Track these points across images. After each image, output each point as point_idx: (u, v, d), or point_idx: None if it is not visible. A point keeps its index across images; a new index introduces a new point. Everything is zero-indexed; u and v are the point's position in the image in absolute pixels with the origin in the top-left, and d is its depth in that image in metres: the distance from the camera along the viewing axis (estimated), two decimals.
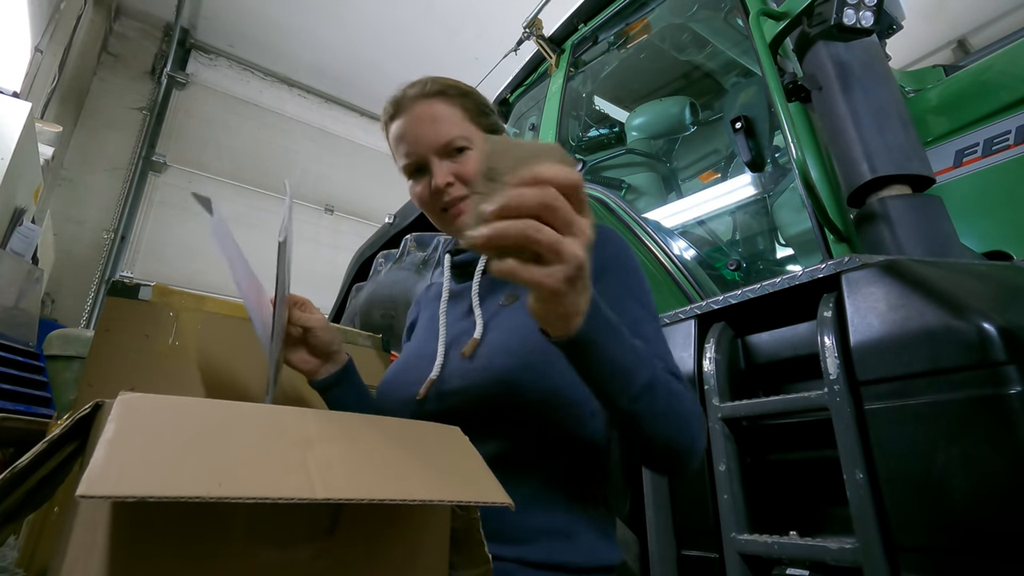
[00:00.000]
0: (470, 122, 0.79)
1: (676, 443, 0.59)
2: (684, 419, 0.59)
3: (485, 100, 0.85)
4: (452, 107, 0.78)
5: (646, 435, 0.58)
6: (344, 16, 5.96)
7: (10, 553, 1.51)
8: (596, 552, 0.65)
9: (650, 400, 0.56)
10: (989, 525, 0.60)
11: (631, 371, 0.55)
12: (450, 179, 0.75)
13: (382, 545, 0.43)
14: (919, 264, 0.78)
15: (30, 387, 2.42)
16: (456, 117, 0.78)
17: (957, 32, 5.98)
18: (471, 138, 0.77)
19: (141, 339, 0.97)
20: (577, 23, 2.35)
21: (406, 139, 0.77)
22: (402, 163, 0.80)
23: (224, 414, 0.39)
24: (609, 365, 0.53)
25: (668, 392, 0.58)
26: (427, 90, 0.78)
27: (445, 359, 0.74)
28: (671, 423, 0.58)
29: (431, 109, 0.77)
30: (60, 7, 4.39)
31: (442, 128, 0.76)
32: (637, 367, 0.55)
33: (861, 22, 1.11)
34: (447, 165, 0.76)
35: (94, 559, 0.33)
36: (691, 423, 0.60)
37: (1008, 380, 0.61)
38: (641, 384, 0.55)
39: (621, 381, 0.55)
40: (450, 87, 0.80)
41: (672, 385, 0.60)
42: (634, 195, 2.18)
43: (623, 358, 0.54)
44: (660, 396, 0.57)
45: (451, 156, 0.76)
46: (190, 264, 5.75)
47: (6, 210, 2.91)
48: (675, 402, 0.59)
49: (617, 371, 0.54)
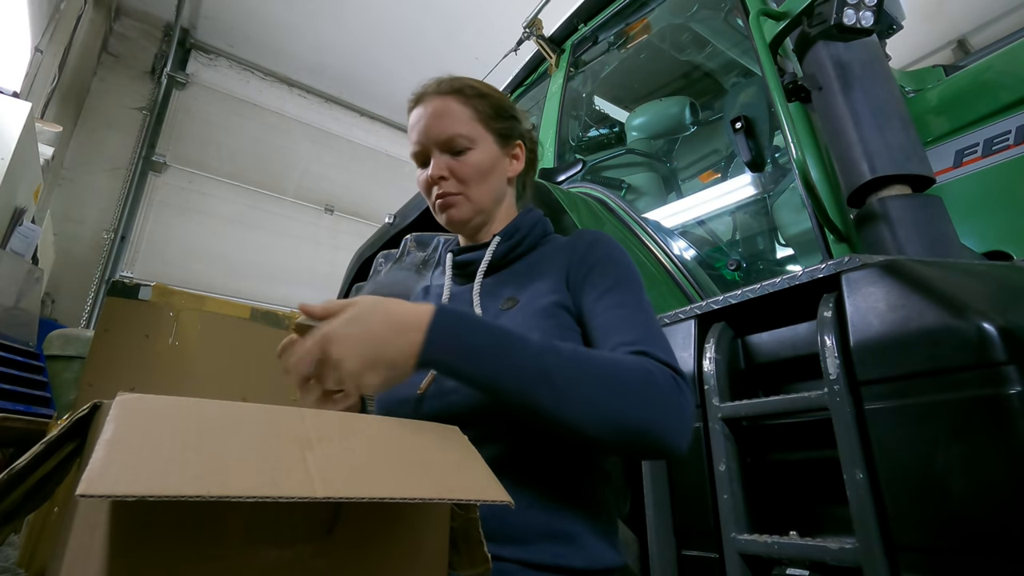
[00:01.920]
0: (480, 123, 0.82)
1: (616, 423, 0.57)
2: (624, 398, 0.57)
3: (505, 104, 0.87)
4: (464, 106, 0.82)
5: (568, 422, 0.57)
6: (344, 16, 5.96)
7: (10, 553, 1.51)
8: (598, 555, 0.65)
9: (551, 390, 0.57)
10: (989, 525, 0.60)
11: (506, 374, 0.57)
12: (444, 173, 0.80)
13: (381, 544, 0.43)
14: (919, 264, 0.78)
15: (30, 387, 2.42)
16: (465, 116, 0.81)
17: (957, 32, 5.98)
18: (475, 138, 0.81)
19: (141, 339, 0.97)
20: (577, 23, 2.35)
21: (416, 129, 0.82)
22: (411, 151, 0.85)
23: (224, 414, 0.39)
24: (477, 375, 0.58)
25: (583, 377, 0.58)
26: (443, 87, 0.83)
27: None
28: (594, 404, 0.57)
29: (443, 105, 0.81)
30: (60, 7, 4.39)
31: (447, 124, 0.80)
32: (519, 367, 0.57)
33: (861, 22, 1.11)
34: (445, 160, 0.81)
35: (94, 559, 0.33)
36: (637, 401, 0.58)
37: (1008, 380, 0.61)
38: (528, 378, 0.57)
39: (503, 383, 0.57)
40: (468, 87, 0.84)
41: (596, 367, 0.59)
42: (634, 195, 2.18)
43: (486, 364, 0.58)
44: (568, 383, 0.57)
45: (451, 152, 0.81)
46: (190, 264, 5.75)
47: (6, 210, 2.91)
48: (601, 385, 0.57)
49: (490, 377, 0.57)
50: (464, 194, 0.81)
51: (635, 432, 0.57)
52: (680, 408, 0.60)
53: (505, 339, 0.60)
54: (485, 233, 0.87)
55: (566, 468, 0.68)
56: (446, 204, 0.81)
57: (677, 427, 0.59)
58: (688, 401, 0.61)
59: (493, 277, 0.84)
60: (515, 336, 0.60)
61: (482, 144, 0.81)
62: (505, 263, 0.85)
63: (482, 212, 0.84)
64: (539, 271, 0.80)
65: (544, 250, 0.85)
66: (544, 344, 0.60)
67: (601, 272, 0.75)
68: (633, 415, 0.57)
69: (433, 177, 0.80)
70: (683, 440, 0.59)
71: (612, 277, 0.74)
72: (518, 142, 0.88)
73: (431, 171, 0.81)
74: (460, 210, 0.82)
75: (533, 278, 0.79)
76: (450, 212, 0.82)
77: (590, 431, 0.57)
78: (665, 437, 0.58)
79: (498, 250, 0.84)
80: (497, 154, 0.84)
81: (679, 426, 0.59)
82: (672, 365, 0.63)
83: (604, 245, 0.78)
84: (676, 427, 0.59)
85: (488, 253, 0.83)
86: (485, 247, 0.84)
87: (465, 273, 0.86)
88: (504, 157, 0.86)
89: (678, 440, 0.59)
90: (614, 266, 0.75)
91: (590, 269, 0.75)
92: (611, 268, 0.75)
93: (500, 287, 0.82)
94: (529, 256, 0.85)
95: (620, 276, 0.74)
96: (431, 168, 0.81)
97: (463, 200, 0.82)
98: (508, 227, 0.85)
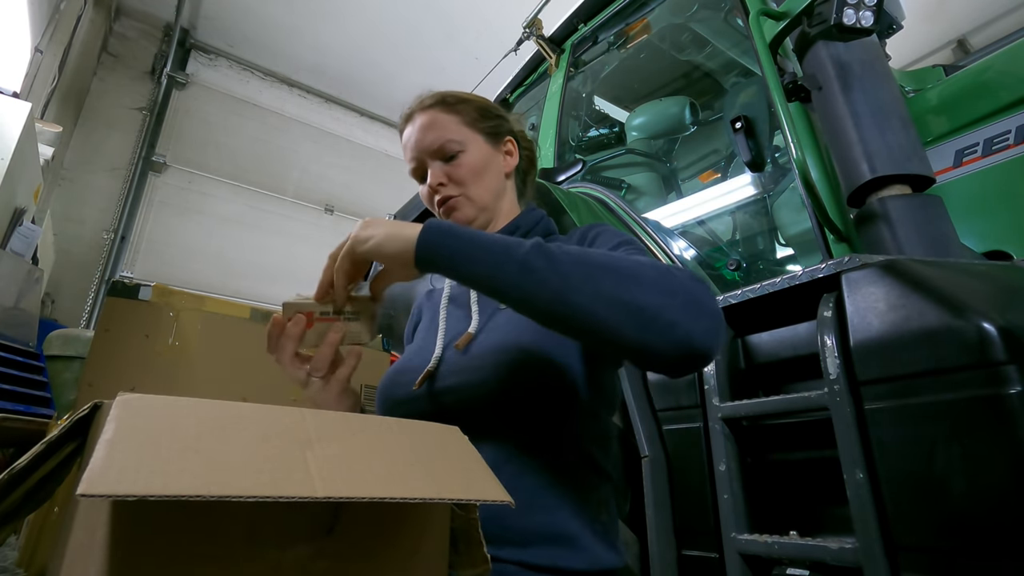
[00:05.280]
0: (467, 126, 0.85)
1: (629, 302, 0.52)
2: (637, 283, 0.53)
3: (486, 105, 0.89)
4: (448, 114, 0.84)
5: (578, 307, 0.53)
6: (344, 16, 5.95)
7: (10, 553, 1.51)
8: (597, 557, 0.65)
9: (555, 274, 0.54)
10: (989, 525, 0.60)
11: (506, 263, 0.56)
12: (442, 179, 0.82)
13: (381, 545, 0.43)
14: (919, 264, 0.78)
15: (30, 387, 2.42)
16: (452, 123, 0.84)
17: (957, 32, 5.97)
18: (464, 141, 0.83)
19: (141, 339, 0.97)
20: (577, 23, 2.35)
21: (408, 146, 0.86)
22: (408, 168, 0.87)
23: (224, 414, 0.39)
24: (467, 264, 0.58)
25: (589, 263, 0.55)
26: (426, 102, 0.86)
27: (443, 353, 0.75)
28: (599, 282, 0.53)
29: (429, 117, 0.84)
30: (60, 7, 4.39)
31: (436, 133, 0.83)
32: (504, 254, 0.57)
33: (861, 22, 1.11)
34: (440, 167, 0.83)
35: (94, 559, 0.33)
36: (651, 286, 0.53)
37: (1008, 380, 0.61)
38: (529, 265, 0.55)
39: (492, 271, 0.57)
40: (449, 96, 0.87)
41: (604, 256, 0.56)
42: (634, 195, 2.18)
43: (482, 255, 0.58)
44: (574, 266, 0.54)
45: (445, 159, 0.83)
46: (190, 264, 5.75)
47: (6, 210, 2.91)
48: (610, 271, 0.54)
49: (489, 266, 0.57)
50: (464, 195, 0.83)
51: (651, 316, 0.51)
52: (701, 297, 0.53)
53: (497, 236, 0.60)
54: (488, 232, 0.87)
55: (565, 468, 0.68)
56: (449, 208, 0.83)
57: (699, 315, 0.52)
58: (711, 297, 0.55)
59: None
60: (508, 236, 0.61)
61: (472, 145, 0.84)
62: None
63: (485, 209, 0.85)
64: None
65: None
66: (540, 240, 0.59)
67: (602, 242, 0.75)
68: (647, 296, 0.52)
69: (432, 185, 0.82)
70: (708, 335, 0.52)
71: (614, 241, 0.74)
72: (508, 138, 0.90)
73: (429, 180, 0.83)
74: (463, 212, 0.83)
75: None
76: (454, 215, 0.84)
77: (599, 314, 0.52)
78: (687, 326, 0.51)
79: None
80: (489, 152, 0.86)
81: (702, 316, 0.52)
82: (691, 271, 0.60)
83: (602, 226, 0.80)
84: (698, 315, 0.52)
85: None
86: None
87: None
88: (497, 154, 0.88)
89: (701, 332, 0.52)
90: (615, 235, 0.76)
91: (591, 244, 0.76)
92: (613, 238, 0.75)
93: None
94: None
95: (622, 240, 0.74)
96: (429, 177, 0.83)
97: (464, 201, 0.83)
98: (509, 225, 0.86)
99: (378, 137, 7.60)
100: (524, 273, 0.55)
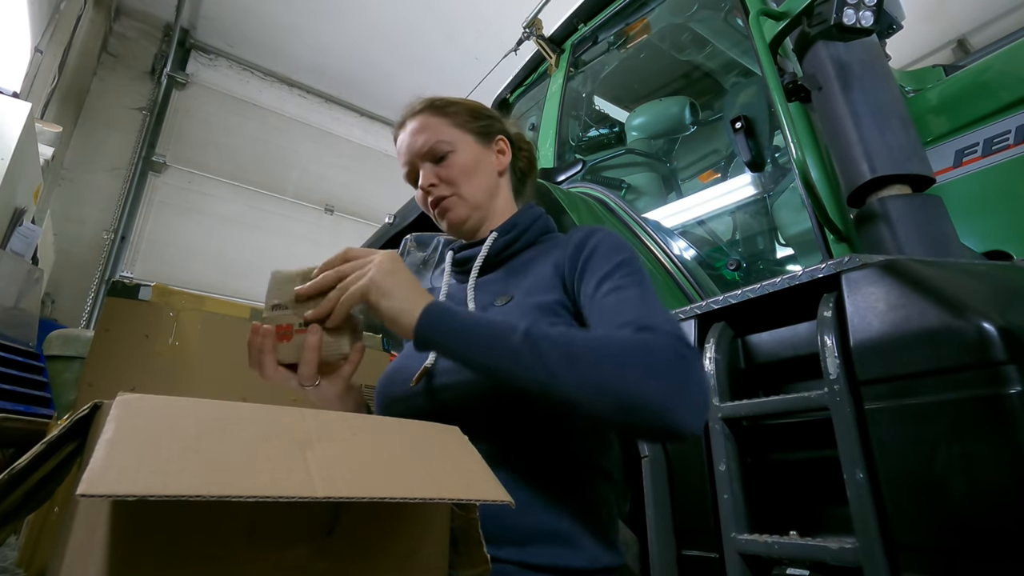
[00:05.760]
0: (456, 128, 0.86)
1: (612, 392, 0.53)
2: (618, 367, 0.54)
3: (476, 106, 0.91)
4: (437, 117, 0.86)
5: (563, 395, 0.55)
6: (344, 16, 5.95)
7: (10, 553, 1.51)
8: (597, 556, 0.65)
9: (539, 360, 0.56)
10: (989, 525, 0.60)
11: (495, 350, 0.59)
12: (433, 180, 0.84)
13: (381, 545, 0.43)
14: (919, 264, 0.78)
15: (30, 387, 2.42)
16: (441, 125, 0.85)
17: (957, 32, 5.98)
18: (454, 142, 0.84)
19: (141, 339, 0.97)
20: (577, 23, 2.35)
21: (401, 151, 0.87)
22: (403, 174, 0.89)
23: (224, 414, 0.39)
24: (462, 350, 0.61)
25: (572, 347, 0.56)
26: (416, 108, 0.88)
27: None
28: (585, 372, 0.54)
29: (420, 122, 0.86)
30: (60, 7, 4.39)
31: (426, 136, 0.84)
32: (506, 343, 0.59)
33: (861, 22, 1.11)
34: (431, 168, 0.84)
35: (94, 559, 0.33)
36: (632, 369, 0.53)
37: (1008, 380, 0.61)
38: (514, 353, 0.58)
39: (483, 357, 0.60)
40: (437, 100, 0.88)
41: (587, 339, 0.58)
42: (634, 195, 2.18)
43: (473, 340, 0.61)
44: (558, 353, 0.56)
45: (435, 160, 0.84)
46: (190, 264, 5.75)
47: (6, 210, 2.91)
48: (592, 355, 0.55)
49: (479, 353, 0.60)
50: (456, 194, 0.83)
51: (634, 404, 0.52)
52: (684, 379, 0.54)
53: (492, 322, 0.62)
54: (484, 230, 0.88)
55: (563, 466, 0.68)
56: (443, 209, 0.84)
57: (681, 399, 0.52)
58: (695, 372, 0.55)
59: (491, 274, 0.85)
60: (502, 321, 0.62)
61: (462, 145, 0.85)
62: (502, 259, 0.85)
63: (478, 208, 0.85)
64: (536, 268, 0.80)
65: (543, 247, 0.85)
66: (531, 323, 0.60)
67: (598, 259, 0.73)
68: (629, 384, 0.52)
69: (424, 187, 0.83)
70: (690, 416, 0.53)
71: (610, 262, 0.72)
72: (500, 137, 0.90)
73: (421, 181, 0.84)
74: (456, 211, 0.84)
75: (529, 274, 0.79)
76: (448, 216, 0.85)
77: (584, 402, 0.54)
78: (668, 410, 0.52)
79: (495, 245, 0.84)
80: (479, 151, 0.87)
81: (684, 398, 0.53)
82: (676, 335, 0.57)
83: (600, 234, 0.77)
84: (680, 399, 0.52)
85: (484, 249, 0.84)
86: (483, 243, 0.85)
87: (464, 270, 0.87)
88: (488, 153, 0.88)
89: (683, 415, 0.52)
90: (612, 251, 0.73)
91: (587, 259, 0.74)
92: (609, 254, 0.73)
93: (496, 283, 0.82)
94: (527, 252, 0.86)
95: (619, 260, 0.72)
96: (420, 179, 0.84)
97: (456, 200, 0.84)
98: (506, 223, 0.86)
99: (378, 137, 7.60)
100: (513, 362, 0.58)
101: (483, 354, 0.60)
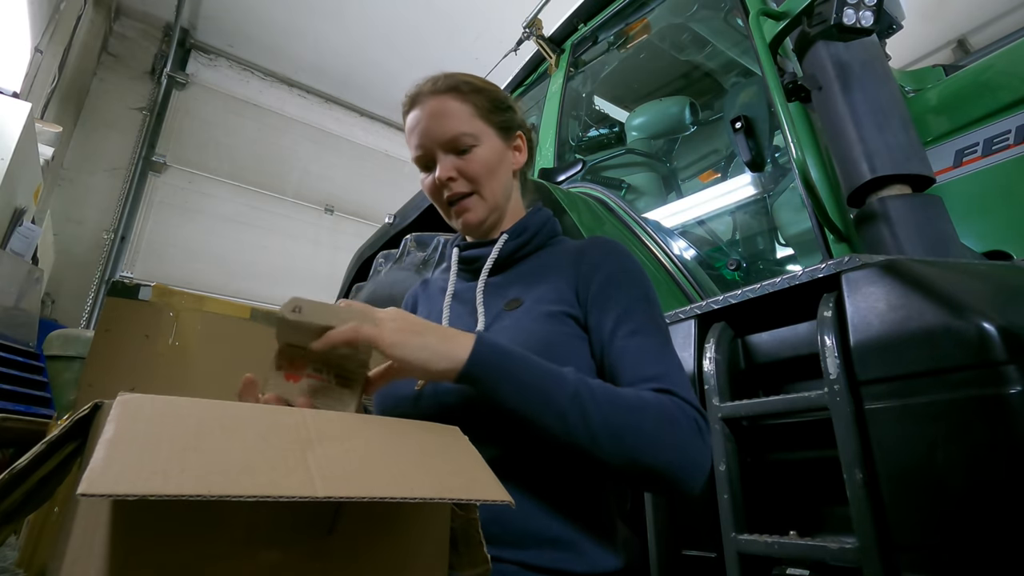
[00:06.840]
0: (480, 119, 0.80)
1: (640, 463, 0.59)
2: (651, 443, 0.60)
3: (501, 96, 0.85)
4: (462, 103, 0.80)
5: (598, 459, 0.60)
6: (344, 16, 5.95)
7: (10, 553, 1.51)
8: (597, 561, 0.64)
9: (586, 428, 0.59)
10: (989, 525, 0.60)
11: (545, 407, 0.60)
12: (452, 174, 0.78)
13: (381, 545, 0.43)
14: (919, 264, 0.78)
15: (30, 387, 2.42)
16: (465, 114, 0.79)
17: (957, 32, 5.97)
18: (478, 135, 0.79)
19: (141, 339, 0.97)
20: (577, 23, 2.35)
21: (416, 132, 0.80)
22: (413, 155, 0.82)
23: (224, 414, 0.39)
24: (510, 399, 0.60)
25: (615, 417, 0.60)
26: (439, 86, 0.81)
27: None
28: (622, 443, 0.59)
29: (441, 105, 0.79)
30: (60, 7, 4.39)
31: (449, 124, 0.78)
32: (558, 402, 0.60)
33: (861, 22, 1.11)
34: (451, 160, 0.79)
35: (94, 559, 0.33)
36: (661, 445, 0.60)
37: (1008, 380, 0.61)
38: (564, 414, 0.59)
39: (531, 410, 0.60)
40: (463, 83, 0.81)
41: (627, 409, 0.61)
42: (634, 195, 2.18)
43: (526, 391, 0.60)
44: (603, 423, 0.59)
45: (456, 152, 0.79)
46: (190, 264, 5.75)
47: (6, 210, 2.91)
48: (630, 429, 0.59)
49: (529, 405, 0.60)
50: (477, 193, 0.80)
51: (656, 474, 0.60)
52: (700, 452, 0.62)
53: (546, 372, 0.62)
54: (494, 230, 0.85)
55: (563, 470, 0.67)
56: (461, 209, 0.80)
57: (695, 470, 0.61)
58: (707, 444, 0.63)
59: (499, 276, 0.83)
60: (554, 370, 0.62)
61: (486, 140, 0.80)
62: (511, 262, 0.84)
63: (496, 209, 0.83)
64: (546, 274, 0.79)
65: (552, 251, 0.84)
66: (579, 380, 0.62)
67: (617, 290, 0.73)
68: (657, 458, 0.60)
69: (441, 179, 0.78)
70: (698, 482, 0.62)
71: (628, 295, 0.73)
72: (518, 133, 0.87)
73: (439, 173, 0.78)
74: (475, 212, 0.81)
75: (539, 280, 0.78)
76: (466, 217, 0.81)
77: (612, 468, 0.60)
78: (683, 479, 0.61)
79: (505, 248, 0.82)
80: (501, 148, 0.83)
81: (698, 469, 0.62)
82: (695, 405, 0.64)
83: (616, 256, 0.77)
84: (694, 470, 0.61)
85: (495, 251, 0.82)
86: (492, 244, 0.83)
87: (471, 269, 0.85)
88: (508, 150, 0.85)
89: (693, 482, 0.61)
90: (629, 283, 0.74)
91: (603, 284, 0.74)
92: (626, 285, 0.74)
93: (505, 287, 0.81)
94: (536, 256, 0.84)
95: (636, 295, 0.73)
96: (438, 170, 0.78)
97: (477, 200, 0.80)
98: (517, 225, 0.84)
99: (378, 137, 7.60)
100: (559, 422, 0.60)
101: (529, 407, 0.60)
